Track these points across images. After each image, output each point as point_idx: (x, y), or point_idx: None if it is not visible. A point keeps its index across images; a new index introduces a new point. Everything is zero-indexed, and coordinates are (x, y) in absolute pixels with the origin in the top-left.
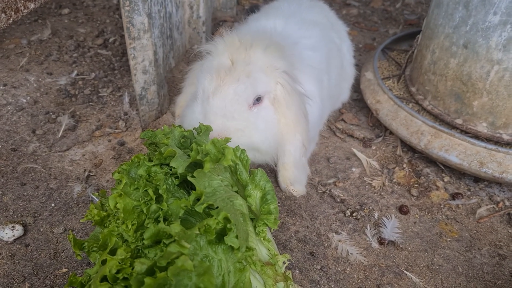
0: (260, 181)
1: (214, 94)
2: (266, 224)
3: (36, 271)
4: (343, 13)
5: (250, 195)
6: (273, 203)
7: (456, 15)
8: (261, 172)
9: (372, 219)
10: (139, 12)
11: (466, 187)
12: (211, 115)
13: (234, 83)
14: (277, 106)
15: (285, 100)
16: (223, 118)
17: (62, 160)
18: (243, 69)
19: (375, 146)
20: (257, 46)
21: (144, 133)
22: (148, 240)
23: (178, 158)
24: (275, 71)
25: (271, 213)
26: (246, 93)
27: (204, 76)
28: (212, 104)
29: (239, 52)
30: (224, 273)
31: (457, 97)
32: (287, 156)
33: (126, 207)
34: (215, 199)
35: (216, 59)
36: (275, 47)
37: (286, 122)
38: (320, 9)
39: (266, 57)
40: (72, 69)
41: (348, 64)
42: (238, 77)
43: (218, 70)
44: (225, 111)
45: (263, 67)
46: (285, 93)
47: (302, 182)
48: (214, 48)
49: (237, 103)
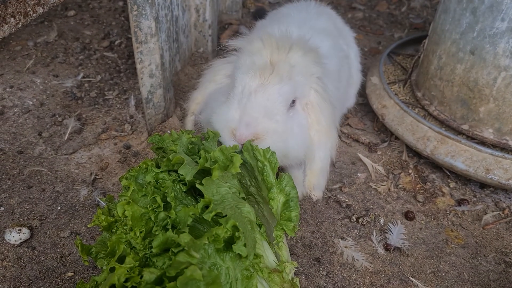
0: (286, 187)
1: (257, 92)
2: (283, 229)
3: (43, 274)
4: (348, 17)
5: (274, 198)
6: (295, 210)
7: (463, 21)
8: (288, 177)
9: (377, 225)
10: (147, 16)
11: (472, 193)
12: (253, 111)
13: (278, 83)
14: (310, 111)
15: (319, 106)
16: (265, 118)
17: (68, 163)
18: (286, 69)
19: (380, 151)
20: (297, 49)
21: (152, 137)
22: (156, 248)
23: (187, 165)
24: (311, 76)
25: (291, 220)
26: (288, 95)
27: (245, 73)
28: (254, 102)
29: (280, 53)
30: (231, 281)
31: (464, 103)
32: (316, 163)
33: (134, 214)
34: (223, 207)
35: (255, 57)
36: (315, 53)
37: (319, 129)
38: (328, 17)
39: (305, 62)
40: (78, 72)
41: (355, 70)
42: (282, 77)
43: (262, 68)
44: (267, 110)
45: (302, 71)
46: (320, 99)
47: (322, 187)
48: (250, 45)
49: (280, 104)
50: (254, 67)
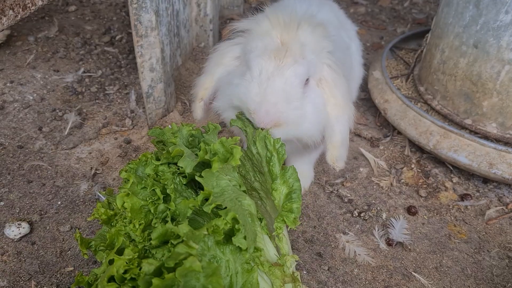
0: (290, 178)
1: (275, 76)
2: (284, 221)
3: (42, 269)
4: (350, 12)
5: (277, 189)
6: (296, 202)
7: (466, 14)
8: (293, 169)
9: (380, 220)
10: (147, 9)
11: (475, 188)
12: (272, 96)
13: (293, 64)
14: (325, 87)
15: (333, 81)
16: (286, 103)
17: (69, 157)
18: (298, 49)
19: (382, 146)
20: (306, 25)
21: (152, 130)
22: (155, 240)
23: (186, 158)
24: (322, 51)
25: (293, 212)
26: (303, 75)
27: (259, 56)
28: (273, 86)
29: (289, 32)
30: (231, 274)
31: (467, 97)
32: (336, 135)
33: (133, 206)
34: (223, 199)
35: (266, 39)
36: (323, 27)
37: (336, 102)
38: (330, 8)
39: (315, 38)
40: (79, 67)
41: (357, 64)
42: (295, 58)
43: (275, 50)
44: (288, 95)
45: (313, 48)
46: (333, 73)
47: (344, 158)
48: (258, 27)
49: (297, 86)
50: (267, 49)
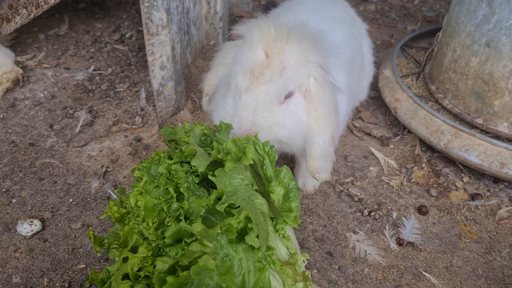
0: (284, 178)
1: (247, 91)
2: (285, 221)
3: (54, 266)
4: (360, 9)
5: (274, 191)
6: (294, 201)
7: (478, 13)
8: (286, 169)
9: (390, 219)
10: (158, 8)
11: (485, 187)
12: (243, 111)
13: (266, 83)
14: (309, 99)
15: (317, 94)
16: (254, 114)
17: (80, 155)
18: (277, 66)
19: (393, 145)
20: (293, 39)
21: (164, 129)
22: (169, 238)
23: (199, 157)
24: (308, 64)
25: (292, 210)
26: (278, 92)
27: (237, 71)
28: (244, 101)
29: (275, 44)
30: (244, 273)
31: (478, 96)
32: (315, 148)
33: (147, 205)
34: (236, 198)
35: (250, 52)
36: (311, 41)
37: (316, 115)
38: (341, 6)
39: (301, 52)
40: (89, 64)
41: (368, 62)
42: (271, 76)
43: (252, 68)
44: (256, 108)
45: (296, 63)
46: (318, 86)
47: (327, 170)
48: (249, 35)
49: (268, 102)
50: (245, 64)
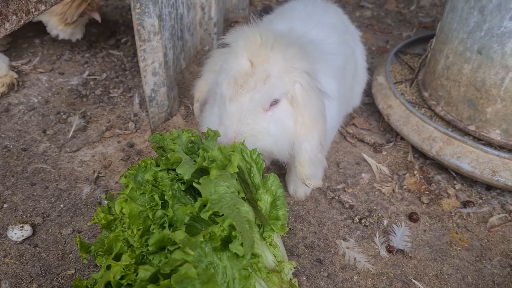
0: (272, 186)
1: (231, 101)
2: (273, 229)
3: (44, 272)
4: (356, 15)
5: (261, 198)
6: (282, 209)
7: (470, 20)
8: (274, 177)
9: (381, 226)
10: (150, 14)
11: (478, 195)
12: (227, 120)
13: (250, 91)
14: (295, 105)
15: (303, 100)
16: (238, 123)
17: (72, 160)
18: (261, 74)
19: (385, 151)
20: (278, 47)
21: (153, 136)
22: (152, 246)
23: (185, 164)
24: (294, 71)
25: (279, 219)
26: (262, 100)
27: (222, 80)
28: (228, 110)
29: (260, 53)
30: (229, 280)
31: (471, 103)
32: (303, 154)
33: (131, 212)
34: (220, 206)
35: (235, 61)
36: (297, 47)
37: (303, 122)
38: (335, 12)
39: (286, 60)
40: (84, 69)
41: (361, 69)
42: (255, 84)
43: (236, 77)
44: (241, 116)
45: (281, 70)
46: (304, 92)
47: (318, 176)
48: (235, 43)
49: (252, 110)
50: (230, 74)
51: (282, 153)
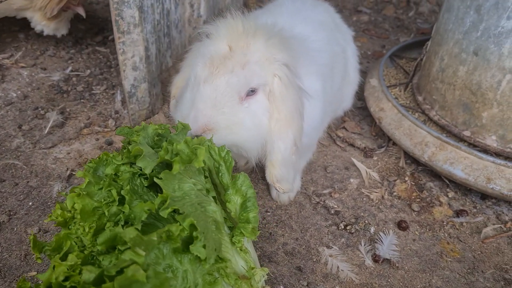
0: (242, 186)
1: (206, 82)
2: (242, 233)
3: (4, 273)
4: (353, 20)
5: (230, 200)
6: (252, 211)
7: (467, 20)
8: (244, 176)
9: (367, 234)
10: (129, 4)
11: (472, 204)
12: (200, 103)
13: (227, 74)
14: (272, 100)
15: (280, 94)
16: (213, 109)
17: (46, 157)
18: (240, 59)
19: (376, 156)
20: (260, 34)
21: (120, 129)
22: (102, 245)
23: (146, 157)
24: (274, 63)
25: (249, 221)
26: (239, 85)
27: (197, 62)
28: (202, 92)
29: (240, 38)
30: (190, 286)
31: (466, 107)
32: (275, 153)
33: (84, 208)
34: (183, 204)
35: (213, 44)
36: (279, 38)
37: (279, 117)
38: (324, 9)
39: (267, 48)
40: (67, 65)
41: (352, 69)
42: (233, 67)
43: (212, 57)
44: (216, 101)
45: (261, 58)
46: (282, 86)
47: (289, 180)
48: (215, 31)
49: (228, 95)
50: (206, 55)
51: (253, 151)
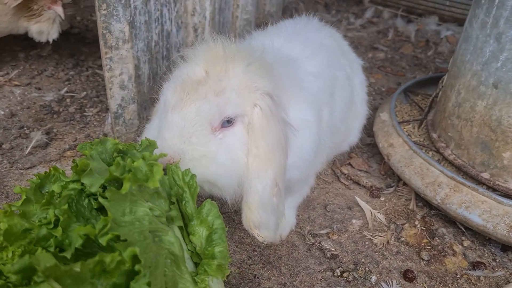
0: (208, 216)
1: (174, 109)
2: (206, 271)
3: None
4: (369, 56)
5: (195, 232)
6: (219, 245)
7: (486, 50)
8: (210, 204)
9: (367, 284)
10: (119, 18)
11: (491, 255)
12: (166, 132)
13: (198, 100)
14: (251, 133)
15: (261, 127)
16: (179, 139)
17: (21, 178)
18: (214, 85)
19: (384, 197)
20: (239, 59)
21: (81, 145)
22: (17, 274)
23: (94, 174)
24: (255, 92)
25: (215, 257)
26: (211, 114)
27: (169, 86)
28: (170, 119)
29: (218, 63)
30: None
31: (484, 146)
32: (252, 194)
33: (11, 229)
34: (128, 230)
35: (188, 68)
36: (260, 64)
37: (257, 153)
38: (330, 33)
39: (247, 74)
40: (64, 86)
41: (360, 101)
42: (206, 94)
43: (184, 82)
44: (183, 131)
45: (240, 85)
46: (263, 118)
47: (270, 226)
48: (193, 53)
49: (198, 124)
50: (179, 80)
51: (228, 190)
